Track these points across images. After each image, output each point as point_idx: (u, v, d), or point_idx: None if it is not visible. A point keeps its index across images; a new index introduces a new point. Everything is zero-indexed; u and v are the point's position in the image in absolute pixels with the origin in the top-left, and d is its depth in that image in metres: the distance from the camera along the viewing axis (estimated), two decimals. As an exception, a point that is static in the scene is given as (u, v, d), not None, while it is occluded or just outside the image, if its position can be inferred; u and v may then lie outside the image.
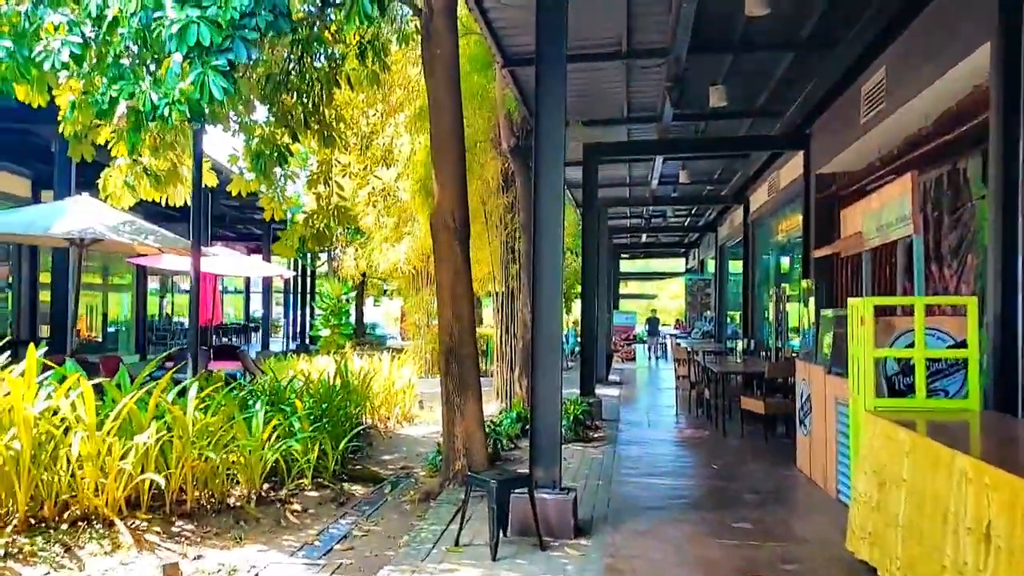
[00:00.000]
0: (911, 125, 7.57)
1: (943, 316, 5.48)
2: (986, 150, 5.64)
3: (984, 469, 3.03)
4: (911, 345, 4.94)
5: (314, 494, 6.65)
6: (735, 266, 19.84)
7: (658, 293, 43.57)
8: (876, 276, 9.04)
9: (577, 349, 17.17)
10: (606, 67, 9.01)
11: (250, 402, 7.18)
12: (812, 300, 9.67)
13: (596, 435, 9.43)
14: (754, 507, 6.10)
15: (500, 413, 10.02)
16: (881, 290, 8.68)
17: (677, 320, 32.88)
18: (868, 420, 4.61)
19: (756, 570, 4.56)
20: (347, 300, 22.65)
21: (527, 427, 5.93)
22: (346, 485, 7.01)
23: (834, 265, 10.13)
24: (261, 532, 5.61)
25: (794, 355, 9.60)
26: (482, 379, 7.07)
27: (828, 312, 7.17)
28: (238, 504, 6.03)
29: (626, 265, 36.00)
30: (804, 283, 10.25)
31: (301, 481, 6.77)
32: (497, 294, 12.61)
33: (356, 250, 20.51)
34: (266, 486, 6.50)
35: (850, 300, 5.50)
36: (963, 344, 4.91)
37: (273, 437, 6.49)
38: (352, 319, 24.06)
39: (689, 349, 13.52)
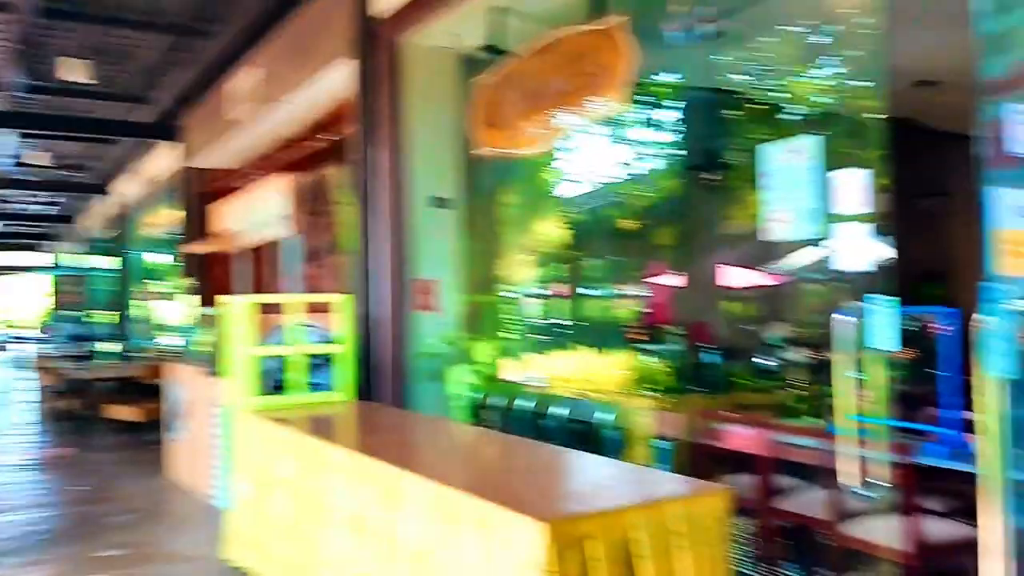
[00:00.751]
0: (285, 129, 7.86)
1: (319, 312, 5.78)
2: (348, 160, 6.17)
3: (356, 459, 3.19)
4: (288, 342, 5.05)
5: None
6: (107, 262, 18.20)
7: (12, 292, 37.30)
8: (255, 273, 9.21)
9: None
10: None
11: None
12: (189, 298, 9.36)
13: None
14: (127, 529, 5.52)
15: None
16: (260, 287, 8.87)
17: (43, 324, 28.67)
18: (247, 421, 4.54)
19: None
20: None
21: None
22: None
23: (212, 262, 9.98)
24: None
25: (170, 357, 9.12)
26: None
27: (206, 311, 6.97)
28: None
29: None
30: (180, 281, 9.87)
31: None
32: None
33: None
34: None
35: (226, 298, 5.35)
36: (336, 339, 5.23)
37: None
38: None
39: (55, 355, 11.89)
